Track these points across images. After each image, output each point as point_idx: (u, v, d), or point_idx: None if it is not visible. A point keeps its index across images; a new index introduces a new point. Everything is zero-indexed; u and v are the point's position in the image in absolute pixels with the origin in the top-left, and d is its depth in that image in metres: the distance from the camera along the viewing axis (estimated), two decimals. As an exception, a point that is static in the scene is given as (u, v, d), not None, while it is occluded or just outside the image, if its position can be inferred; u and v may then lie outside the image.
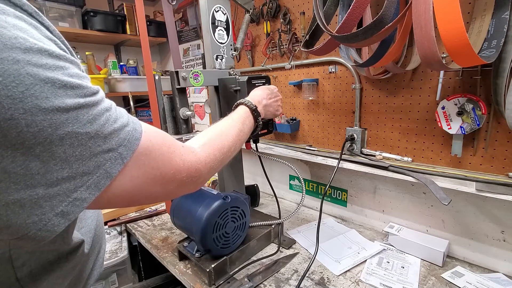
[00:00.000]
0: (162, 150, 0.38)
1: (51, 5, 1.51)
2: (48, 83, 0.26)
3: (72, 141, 0.28)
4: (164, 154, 0.38)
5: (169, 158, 0.39)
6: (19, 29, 0.26)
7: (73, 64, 0.30)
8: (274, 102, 0.83)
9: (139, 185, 0.35)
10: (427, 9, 0.61)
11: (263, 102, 0.77)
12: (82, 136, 0.28)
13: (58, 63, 0.28)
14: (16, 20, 0.26)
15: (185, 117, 0.86)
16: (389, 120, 1.02)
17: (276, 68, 1.36)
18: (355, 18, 0.71)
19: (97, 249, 0.54)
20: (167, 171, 0.38)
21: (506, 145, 0.79)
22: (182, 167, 0.40)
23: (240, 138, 0.61)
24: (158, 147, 0.37)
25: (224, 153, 0.52)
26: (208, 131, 0.55)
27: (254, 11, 1.34)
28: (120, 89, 1.75)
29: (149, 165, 0.36)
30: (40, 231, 0.28)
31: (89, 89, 0.30)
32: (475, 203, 0.83)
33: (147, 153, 0.36)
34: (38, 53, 0.26)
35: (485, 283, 0.76)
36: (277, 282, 0.81)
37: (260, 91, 0.80)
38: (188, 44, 1.97)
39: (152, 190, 0.37)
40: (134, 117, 0.37)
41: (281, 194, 1.43)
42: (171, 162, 0.39)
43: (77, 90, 0.29)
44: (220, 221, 0.80)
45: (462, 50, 0.60)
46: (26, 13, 0.28)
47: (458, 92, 0.84)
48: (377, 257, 0.90)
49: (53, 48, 0.28)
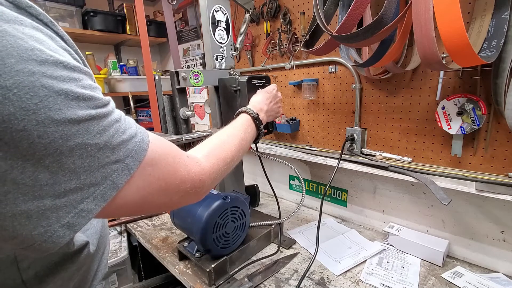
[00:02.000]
0: (168, 160, 0.38)
1: (51, 5, 1.51)
2: (61, 95, 0.26)
3: (82, 152, 0.28)
4: (170, 165, 0.38)
5: (174, 168, 0.39)
6: (36, 40, 0.26)
7: (86, 75, 0.30)
8: (275, 105, 0.82)
9: (145, 195, 0.35)
10: (427, 9, 0.61)
11: (264, 109, 0.77)
12: (92, 147, 0.28)
13: (72, 75, 0.28)
14: (33, 31, 0.26)
15: (185, 117, 0.86)
16: (389, 120, 1.02)
17: (276, 68, 1.36)
18: (355, 18, 0.71)
19: (101, 250, 0.54)
20: (172, 181, 0.38)
21: (506, 145, 0.79)
22: (187, 177, 0.40)
23: (243, 147, 0.61)
24: (164, 158, 0.37)
25: (227, 163, 0.52)
26: (211, 140, 0.55)
27: (254, 11, 1.34)
28: (120, 89, 1.75)
29: (155, 175, 0.36)
30: (45, 243, 0.28)
31: (101, 100, 0.30)
32: (475, 203, 0.83)
33: (154, 164, 0.36)
34: (54, 65, 0.26)
35: (485, 283, 0.76)
36: (277, 282, 0.81)
37: (261, 97, 0.80)
38: (188, 44, 1.97)
39: (157, 201, 0.37)
40: (141, 126, 0.37)
41: (281, 194, 1.43)
42: (176, 172, 0.39)
43: (89, 101, 0.29)
44: (220, 221, 0.80)
45: (462, 50, 0.60)
46: (42, 23, 0.28)
47: (458, 92, 0.84)
48: (377, 257, 0.90)
49: (68, 59, 0.28)
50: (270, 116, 0.80)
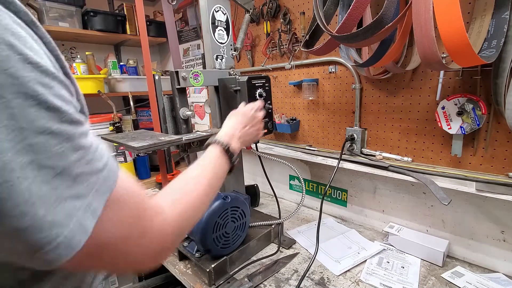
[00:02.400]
0: (130, 204, 0.33)
1: (51, 5, 1.51)
2: (21, 96, 0.22)
3: (36, 174, 0.23)
4: (133, 210, 0.33)
5: (138, 215, 0.33)
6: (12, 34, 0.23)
7: (61, 85, 0.26)
8: (251, 128, 0.73)
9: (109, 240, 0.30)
10: (427, 9, 0.61)
11: (237, 135, 0.67)
12: (48, 169, 0.24)
13: (43, 79, 0.24)
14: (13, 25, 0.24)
15: (185, 117, 0.86)
16: (389, 120, 1.02)
17: (276, 68, 1.36)
18: (355, 18, 0.71)
19: None
20: (133, 230, 0.33)
21: (506, 145, 0.79)
22: (149, 231, 0.34)
23: (214, 186, 0.54)
24: (128, 200, 0.32)
25: (196, 207, 0.45)
26: (176, 184, 0.47)
27: (254, 11, 1.34)
28: (120, 89, 1.75)
29: (119, 218, 0.31)
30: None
31: (69, 116, 0.26)
32: (475, 203, 0.83)
33: (118, 205, 0.31)
34: (21, 61, 0.23)
35: (485, 283, 0.76)
36: (277, 282, 0.81)
37: (234, 121, 0.71)
38: (188, 44, 1.97)
39: (116, 250, 0.32)
40: (114, 161, 0.32)
41: (281, 194, 1.43)
42: (138, 221, 0.33)
43: (53, 113, 0.24)
44: (220, 221, 0.80)
45: (462, 50, 0.60)
46: (22, 21, 0.26)
47: (458, 92, 0.84)
48: (377, 257, 0.90)
49: (42, 61, 0.25)
50: (245, 142, 0.71)
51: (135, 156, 1.64)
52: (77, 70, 1.60)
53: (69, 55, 1.84)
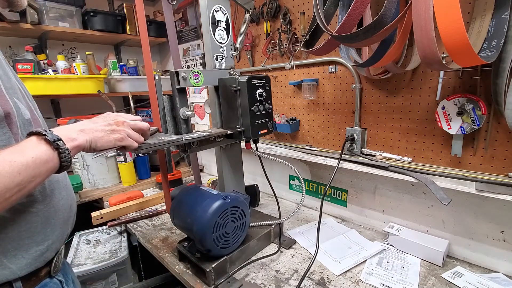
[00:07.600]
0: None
1: (51, 5, 1.51)
2: None
3: None
4: None
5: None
6: None
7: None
8: (106, 126, 0.63)
9: None
10: (427, 9, 0.61)
11: (78, 128, 0.58)
12: None
13: None
14: None
15: (185, 117, 0.86)
16: (389, 120, 1.02)
17: (276, 68, 1.36)
18: (355, 18, 0.71)
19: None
20: None
21: (506, 145, 0.79)
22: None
23: (25, 172, 0.45)
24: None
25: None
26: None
27: (254, 11, 1.34)
28: (120, 89, 1.75)
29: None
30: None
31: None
32: (475, 203, 0.83)
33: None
34: None
35: (485, 283, 0.76)
36: (277, 282, 0.81)
37: (87, 121, 0.63)
38: (188, 44, 1.97)
39: None
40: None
41: (281, 194, 1.43)
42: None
43: None
44: (220, 221, 0.80)
45: (462, 50, 0.60)
46: None
47: (458, 92, 0.84)
48: (377, 257, 0.90)
49: None
50: (96, 136, 0.59)
51: (135, 156, 1.64)
52: (77, 70, 1.60)
53: (69, 55, 1.84)
